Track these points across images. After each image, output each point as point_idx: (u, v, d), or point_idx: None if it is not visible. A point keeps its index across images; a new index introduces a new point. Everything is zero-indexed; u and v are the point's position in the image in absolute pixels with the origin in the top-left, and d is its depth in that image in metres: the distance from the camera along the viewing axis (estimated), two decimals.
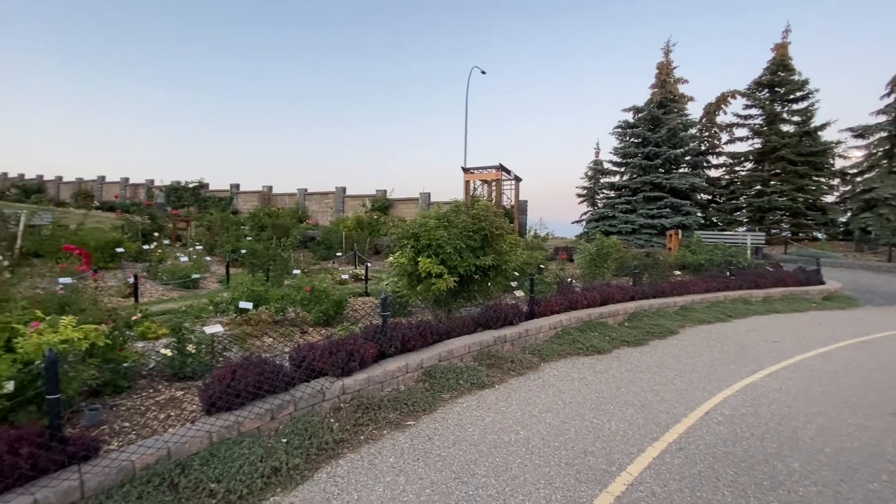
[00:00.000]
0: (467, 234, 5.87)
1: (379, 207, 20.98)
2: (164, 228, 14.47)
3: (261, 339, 5.50)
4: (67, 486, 2.53)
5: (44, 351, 2.93)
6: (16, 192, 29.73)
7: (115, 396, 3.83)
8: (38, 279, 6.31)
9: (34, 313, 3.64)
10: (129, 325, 4.40)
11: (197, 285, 9.05)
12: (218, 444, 3.13)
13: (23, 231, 10.40)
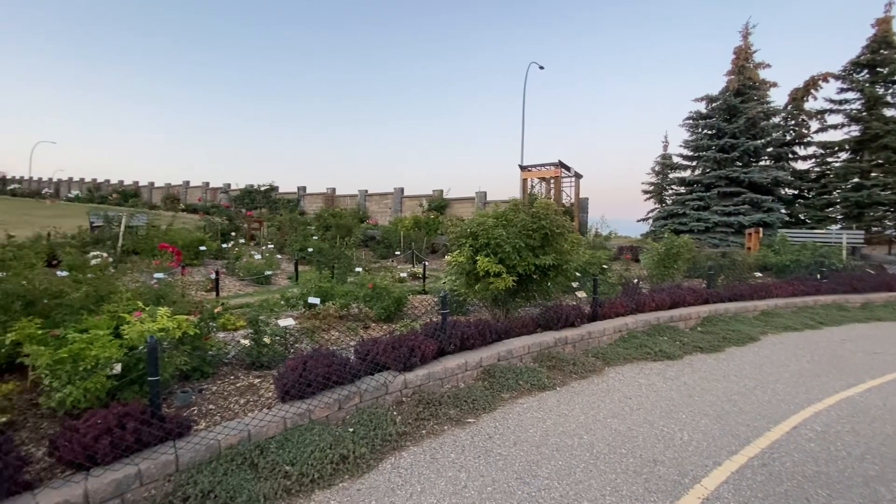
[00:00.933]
0: (526, 232, 5.78)
1: (435, 207, 21.24)
2: (240, 229, 15.64)
3: (328, 333, 5.78)
4: (165, 460, 2.81)
5: (146, 338, 3.29)
6: (117, 197, 33.51)
7: (201, 381, 4.20)
8: (137, 274, 7.05)
9: (136, 304, 4.09)
10: (213, 316, 4.80)
11: (269, 281, 9.68)
12: (292, 430, 3.33)
13: (123, 231, 11.71)
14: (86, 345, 3.15)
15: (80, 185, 40.97)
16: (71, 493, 2.48)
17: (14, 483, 2.45)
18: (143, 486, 2.71)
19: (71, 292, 3.93)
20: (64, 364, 3.07)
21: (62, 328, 3.51)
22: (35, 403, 3.48)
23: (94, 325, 3.49)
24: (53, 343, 3.29)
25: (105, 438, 2.70)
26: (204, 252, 11.39)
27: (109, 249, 9.83)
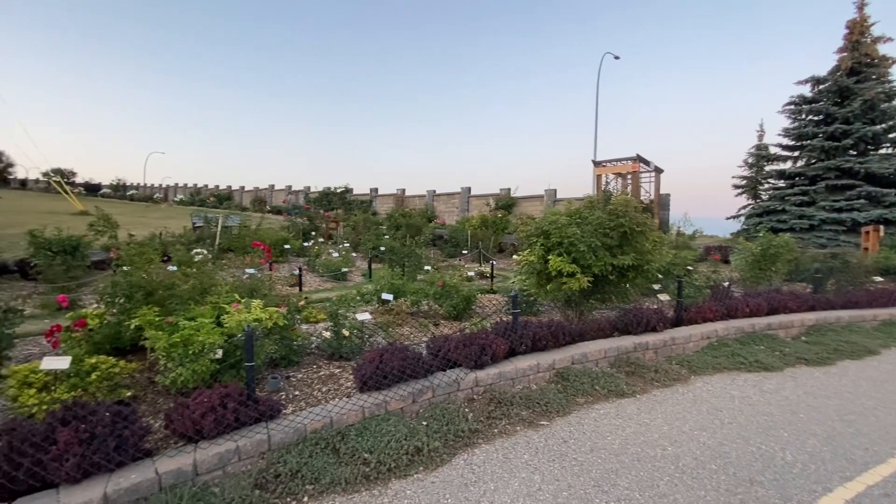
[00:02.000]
0: (603, 231, 5.53)
1: (503, 206, 21.04)
2: (319, 228, 16.65)
3: (400, 328, 5.96)
4: (259, 439, 3.07)
5: (243, 327, 3.61)
6: (213, 200, 37.24)
7: (288, 369, 4.53)
8: (233, 269, 7.76)
9: (234, 296, 4.50)
10: (298, 309, 5.16)
11: (345, 278, 10.20)
12: (369, 419, 3.48)
13: (220, 231, 12.98)
14: (194, 331, 3.54)
15: (184, 189, 46.08)
16: (183, 461, 2.79)
17: (138, 450, 2.82)
18: (241, 461, 2.98)
19: (181, 285, 4.42)
20: (177, 348, 3.46)
21: (174, 316, 3.96)
22: (153, 381, 3.96)
23: (199, 314, 3.90)
24: (168, 329, 3.73)
25: (210, 416, 3.00)
26: (288, 250, 12.27)
27: (209, 247, 10.94)
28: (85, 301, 6.73)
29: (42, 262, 7.55)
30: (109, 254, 8.98)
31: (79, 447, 2.56)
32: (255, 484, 2.81)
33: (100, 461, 2.61)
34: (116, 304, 4.47)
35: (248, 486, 2.76)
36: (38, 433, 2.59)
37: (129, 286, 4.41)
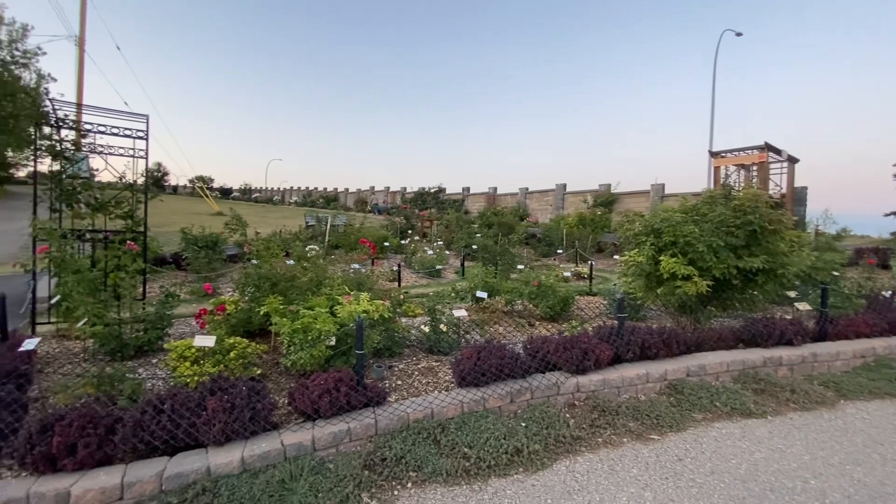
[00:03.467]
0: (727, 229, 4.94)
1: (602, 203, 19.93)
2: (415, 227, 17.34)
3: (494, 326, 5.95)
4: (367, 423, 3.27)
5: (354, 317, 3.88)
6: (322, 202, 40.77)
7: (390, 359, 4.77)
8: (342, 264, 8.39)
9: (344, 289, 4.86)
10: (400, 303, 5.41)
11: (440, 274, 10.47)
12: (468, 415, 3.52)
13: (329, 229, 14.15)
14: (312, 320, 3.88)
15: (298, 192, 51.08)
16: (303, 437, 3.08)
17: (267, 422, 3.17)
18: (352, 442, 3.20)
19: (300, 277, 4.90)
20: (298, 334, 3.83)
21: (295, 305, 4.40)
22: (277, 362, 4.43)
23: (316, 303, 4.27)
24: (290, 316, 4.14)
25: (326, 397, 3.27)
26: (387, 247, 12.95)
27: (320, 244, 11.97)
28: (223, 289, 7.78)
29: (190, 255, 8.91)
30: (242, 249, 10.28)
31: (223, 415, 2.95)
32: (365, 465, 2.99)
33: (238, 429, 2.98)
34: (248, 293, 5.09)
35: (359, 466, 2.94)
36: (192, 400, 3.04)
37: (258, 277, 5.00)
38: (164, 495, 2.61)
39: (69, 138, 5.83)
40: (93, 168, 6.31)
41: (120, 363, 4.32)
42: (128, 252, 5.33)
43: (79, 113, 6.25)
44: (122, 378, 3.51)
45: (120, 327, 4.50)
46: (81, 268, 4.66)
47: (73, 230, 5.43)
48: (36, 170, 5.79)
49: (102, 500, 2.54)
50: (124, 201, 5.95)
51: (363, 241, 10.25)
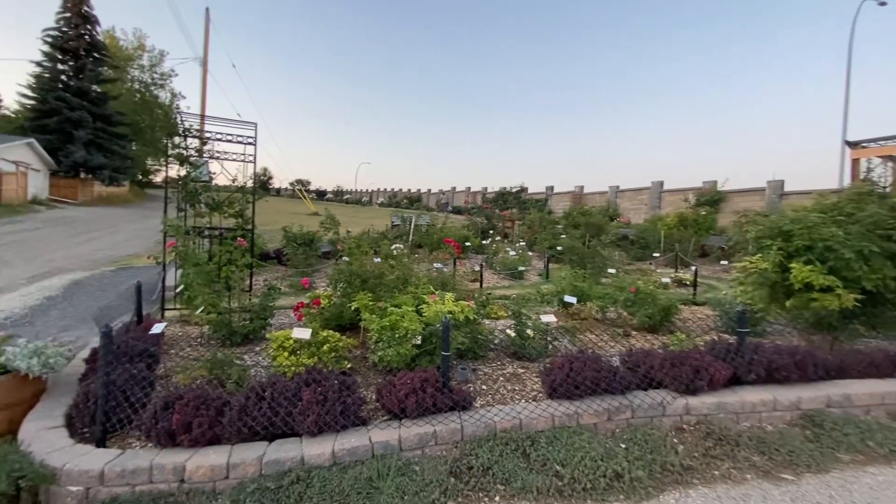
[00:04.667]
0: (882, 232, 4.08)
1: (706, 202, 18.02)
2: (496, 227, 17.13)
3: (585, 334, 5.55)
4: (453, 427, 3.17)
5: (439, 317, 3.82)
6: (406, 202, 42.19)
7: (474, 361, 4.64)
8: (424, 263, 8.49)
9: (429, 288, 4.85)
10: (484, 305, 5.27)
11: (522, 276, 10.16)
12: (560, 429, 3.26)
13: (413, 229, 14.49)
14: (399, 318, 3.89)
15: (384, 193, 53.47)
16: (390, 435, 3.06)
17: (356, 417, 3.20)
18: (437, 445, 3.12)
19: (388, 275, 4.98)
20: (386, 330, 3.86)
21: (383, 301, 4.46)
22: (365, 357, 4.54)
23: (403, 301, 4.29)
24: (378, 313, 4.21)
25: (412, 397, 3.23)
26: (468, 247, 12.92)
27: (405, 242, 12.29)
28: (318, 284, 8.27)
29: (290, 252, 9.62)
30: (335, 246, 10.91)
31: (316, 406, 3.04)
32: (451, 471, 2.89)
33: (330, 421, 3.05)
34: (339, 288, 5.30)
35: (444, 472, 2.85)
36: (289, 390, 3.17)
37: (349, 274, 5.18)
38: (263, 479, 2.74)
39: (193, 146, 6.56)
40: (211, 172, 7.06)
41: (229, 349, 4.72)
42: (238, 248, 5.85)
43: (201, 123, 7.02)
44: (230, 363, 3.80)
45: (230, 316, 4.93)
46: (200, 261, 5.18)
47: (195, 227, 6.08)
48: (167, 174, 6.60)
49: (211, 477, 2.73)
50: (236, 202, 6.56)
51: (448, 240, 10.28)
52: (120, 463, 2.66)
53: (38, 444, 2.78)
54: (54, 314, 6.48)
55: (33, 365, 3.19)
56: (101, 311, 6.56)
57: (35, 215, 20.14)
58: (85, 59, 31.32)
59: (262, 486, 2.68)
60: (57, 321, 6.15)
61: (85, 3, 31.73)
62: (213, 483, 2.72)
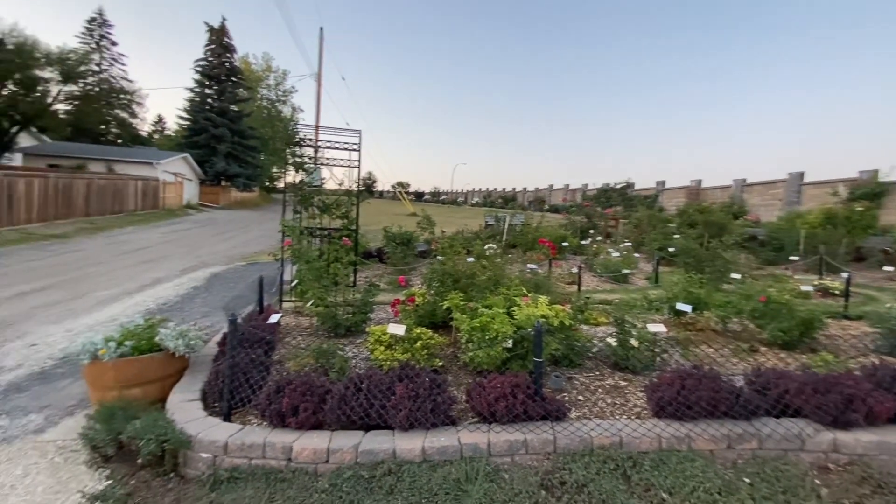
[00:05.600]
0: None
1: (862, 195, 14.94)
2: (598, 226, 16.16)
3: (701, 348, 4.94)
4: (545, 438, 3.01)
5: (532, 321, 3.67)
6: (500, 202, 41.97)
7: (569, 369, 4.39)
8: (518, 264, 8.31)
9: (521, 290, 4.70)
10: (581, 310, 4.97)
11: (626, 280, 9.43)
12: (668, 453, 2.93)
13: (506, 228, 14.31)
14: (490, 319, 3.83)
15: (479, 193, 53.85)
16: (479, 439, 3.01)
17: (446, 416, 3.21)
18: (528, 454, 3.00)
19: (480, 275, 4.94)
20: (476, 331, 3.83)
21: (474, 302, 4.44)
22: (456, 356, 4.55)
23: (494, 303, 4.22)
24: (469, 313, 4.19)
25: (502, 402, 3.15)
26: (565, 248, 12.37)
27: (498, 242, 12.19)
28: (413, 282, 8.57)
29: (390, 250, 10.12)
30: (430, 246, 11.23)
31: (408, 402, 3.11)
32: (542, 484, 2.75)
33: (420, 418, 3.10)
34: (433, 287, 5.41)
35: (535, 485, 2.72)
36: (384, 383, 3.29)
37: (441, 273, 5.25)
38: (358, 467, 2.88)
39: (307, 154, 7.23)
40: (322, 177, 7.71)
41: (334, 340, 5.08)
42: (343, 246, 6.30)
43: (315, 133, 7.70)
44: (334, 353, 4.08)
45: (336, 309, 5.31)
46: (311, 258, 5.67)
47: (307, 228, 6.69)
48: (286, 180, 7.36)
49: (314, 459, 2.94)
50: (342, 204, 7.08)
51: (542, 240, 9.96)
52: (240, 437, 2.99)
53: (179, 414, 3.25)
54: (198, 301, 7.62)
55: (179, 345, 3.75)
56: (231, 301, 7.55)
57: (188, 217, 24.02)
58: (225, 82, 36.55)
59: (357, 473, 2.81)
60: (199, 308, 7.22)
61: (225, 35, 37.05)
62: (315, 465, 2.93)
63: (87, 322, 6.23)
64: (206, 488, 2.80)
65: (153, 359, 3.67)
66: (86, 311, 6.78)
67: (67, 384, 4.35)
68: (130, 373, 3.56)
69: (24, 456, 3.18)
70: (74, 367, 4.53)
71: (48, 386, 4.32)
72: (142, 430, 2.94)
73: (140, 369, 3.61)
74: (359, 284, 7.54)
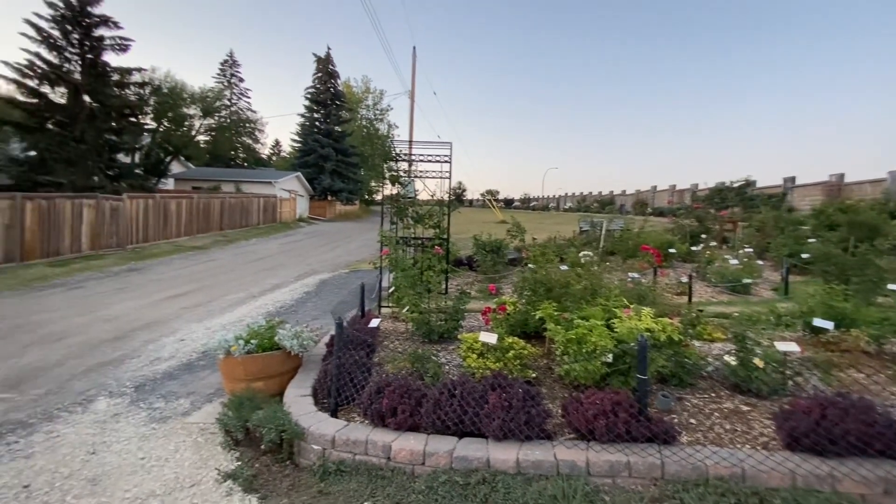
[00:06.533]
0: None
1: None
2: (711, 230, 14.57)
3: (846, 372, 4.19)
4: (651, 462, 2.78)
5: (634, 334, 3.43)
6: (596, 206, 39.94)
7: (678, 389, 4.00)
8: (617, 272, 7.82)
9: (622, 300, 4.42)
10: (693, 324, 4.51)
11: (748, 290, 8.35)
12: (804, 492, 2.52)
13: (603, 234, 13.57)
14: (587, 331, 3.65)
15: (572, 198, 51.89)
16: (577, 456, 2.88)
17: (541, 430, 3.12)
18: (631, 478, 2.79)
19: (575, 284, 4.75)
20: (572, 344, 3.68)
21: (569, 312, 4.27)
22: (549, 368, 4.41)
23: (591, 314, 4.02)
24: (564, 324, 4.04)
25: (602, 419, 2.98)
26: (672, 255, 11.35)
27: (594, 249, 11.60)
28: (504, 290, 8.52)
29: (479, 258, 10.19)
30: (520, 253, 11.09)
31: (501, 412, 3.09)
32: None
33: (514, 429, 3.06)
34: (524, 296, 5.32)
35: None
36: (476, 391, 3.31)
37: (533, 282, 5.15)
38: (452, 472, 2.92)
39: (402, 168, 7.62)
40: (416, 189, 8.06)
41: (428, 345, 5.25)
42: (436, 255, 6.50)
43: (409, 148, 8.10)
44: (428, 359, 4.21)
45: (429, 315, 5.49)
46: (406, 266, 5.94)
47: (403, 238, 7.03)
48: (383, 193, 7.83)
49: (411, 460, 3.05)
50: (434, 214, 7.33)
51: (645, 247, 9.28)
52: (346, 433, 3.22)
53: (294, 407, 3.60)
54: (309, 305, 8.40)
55: (294, 345, 4.17)
56: (337, 306, 8.20)
57: (300, 229, 26.66)
58: (330, 106, 40.16)
59: (451, 479, 2.86)
60: (311, 311, 7.95)
61: (330, 63, 40.77)
62: (412, 466, 3.04)
63: (221, 321, 7.21)
64: (316, 477, 3.05)
65: (273, 356, 4.13)
66: (220, 311, 7.86)
67: (207, 374, 5.07)
68: (255, 368, 4.04)
69: (174, 434, 3.77)
70: (212, 360, 5.28)
71: (192, 375, 5.08)
72: (264, 420, 3.31)
73: (263, 365, 4.08)
74: (450, 292, 7.70)
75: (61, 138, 17.39)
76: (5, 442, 3.60)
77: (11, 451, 3.47)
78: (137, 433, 3.77)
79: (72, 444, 3.59)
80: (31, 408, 4.21)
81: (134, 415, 4.11)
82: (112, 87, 19.40)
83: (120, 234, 15.07)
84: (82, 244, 13.64)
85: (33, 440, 3.63)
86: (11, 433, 3.74)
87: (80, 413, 4.12)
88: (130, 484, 3.08)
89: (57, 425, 3.88)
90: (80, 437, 3.70)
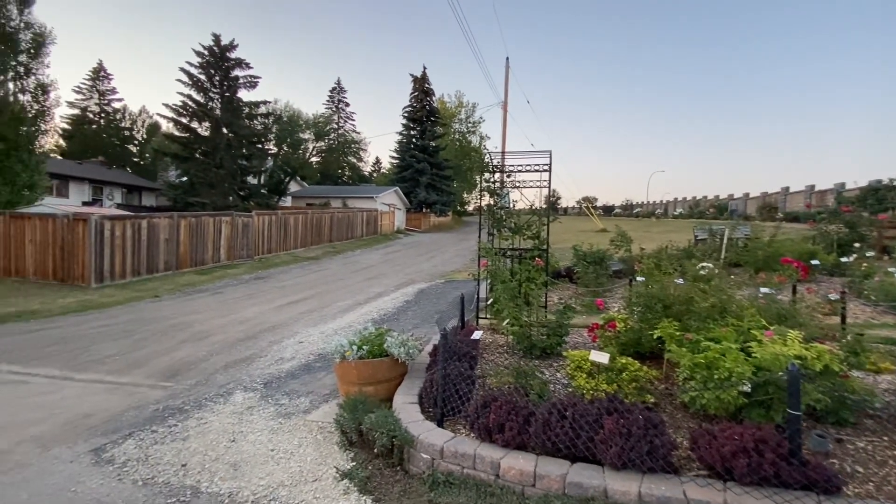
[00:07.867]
0: None
1: None
2: (865, 238, 12.22)
3: None
4: None
5: (781, 362, 2.95)
6: (713, 211, 35.96)
7: (837, 428, 3.36)
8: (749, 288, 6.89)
9: (760, 320, 3.85)
10: (855, 351, 3.77)
11: None
12: None
13: (725, 244, 12.11)
14: (719, 355, 3.24)
15: (682, 203, 47.37)
16: (712, 497, 2.53)
17: (665, 462, 2.82)
18: None
19: (699, 301, 4.26)
20: (700, 369, 3.28)
21: (693, 333, 3.83)
22: (670, 393, 3.99)
23: (722, 336, 3.56)
24: (688, 346, 3.63)
25: (742, 458, 2.59)
26: (816, 267, 9.72)
27: (714, 261, 10.40)
28: (610, 305, 8.00)
29: (580, 270, 9.72)
30: (627, 265, 10.36)
31: (619, 439, 2.85)
32: None
33: (635, 458, 2.80)
34: (636, 313, 4.91)
35: None
36: (589, 414, 3.10)
37: (648, 297, 4.73)
38: (566, 498, 2.76)
39: (497, 179, 7.60)
40: (514, 199, 7.98)
41: (529, 360, 5.09)
42: (535, 267, 6.33)
43: (503, 159, 8.06)
44: (532, 375, 4.08)
45: (529, 329, 5.34)
46: (505, 278, 5.87)
47: (500, 249, 6.98)
48: (480, 205, 7.87)
49: (520, 480, 2.95)
50: (533, 224, 7.17)
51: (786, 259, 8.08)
52: (454, 445, 3.23)
53: (403, 414, 3.72)
54: (410, 314, 8.72)
55: (401, 353, 4.33)
56: (435, 315, 8.39)
57: (398, 241, 28.04)
58: (425, 123, 41.98)
59: None
60: (411, 319, 8.24)
61: (426, 82, 42.70)
62: (521, 486, 2.93)
63: (333, 326, 7.80)
64: (425, 486, 3.10)
65: (383, 362, 4.33)
66: (332, 317, 8.52)
67: (323, 376, 5.49)
68: (367, 372, 4.27)
69: (297, 430, 4.12)
70: (327, 362, 5.70)
71: (311, 375, 5.53)
72: (376, 423, 3.46)
73: (374, 370, 4.29)
74: (550, 305, 7.44)
75: (206, 165, 20.56)
76: (167, 424, 4.24)
77: (172, 433, 4.08)
78: (267, 426, 4.19)
79: (217, 430, 4.10)
80: (185, 396, 4.93)
81: (264, 409, 4.58)
82: (244, 119, 22.49)
83: (249, 246, 17.23)
84: (221, 255, 15.84)
85: (188, 425, 4.22)
86: (172, 417, 4.40)
87: (222, 404, 4.71)
88: (263, 472, 3.41)
89: (205, 413, 4.48)
90: (223, 425, 4.21)
